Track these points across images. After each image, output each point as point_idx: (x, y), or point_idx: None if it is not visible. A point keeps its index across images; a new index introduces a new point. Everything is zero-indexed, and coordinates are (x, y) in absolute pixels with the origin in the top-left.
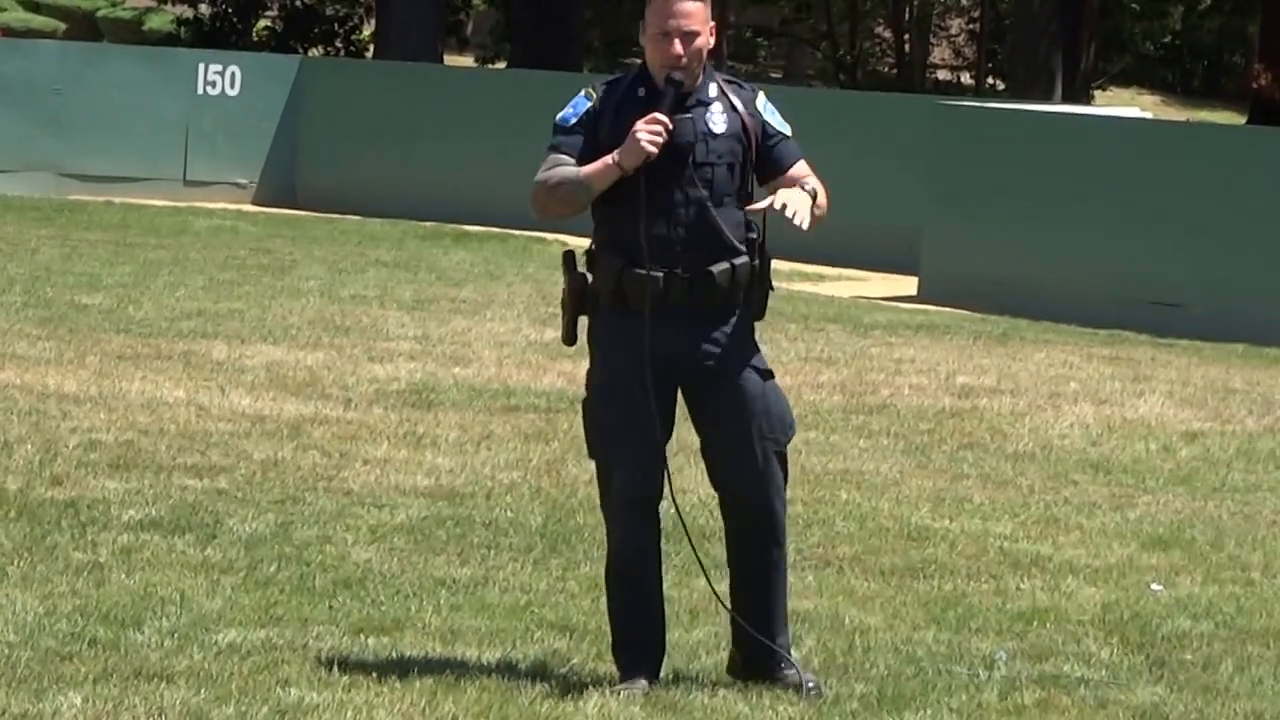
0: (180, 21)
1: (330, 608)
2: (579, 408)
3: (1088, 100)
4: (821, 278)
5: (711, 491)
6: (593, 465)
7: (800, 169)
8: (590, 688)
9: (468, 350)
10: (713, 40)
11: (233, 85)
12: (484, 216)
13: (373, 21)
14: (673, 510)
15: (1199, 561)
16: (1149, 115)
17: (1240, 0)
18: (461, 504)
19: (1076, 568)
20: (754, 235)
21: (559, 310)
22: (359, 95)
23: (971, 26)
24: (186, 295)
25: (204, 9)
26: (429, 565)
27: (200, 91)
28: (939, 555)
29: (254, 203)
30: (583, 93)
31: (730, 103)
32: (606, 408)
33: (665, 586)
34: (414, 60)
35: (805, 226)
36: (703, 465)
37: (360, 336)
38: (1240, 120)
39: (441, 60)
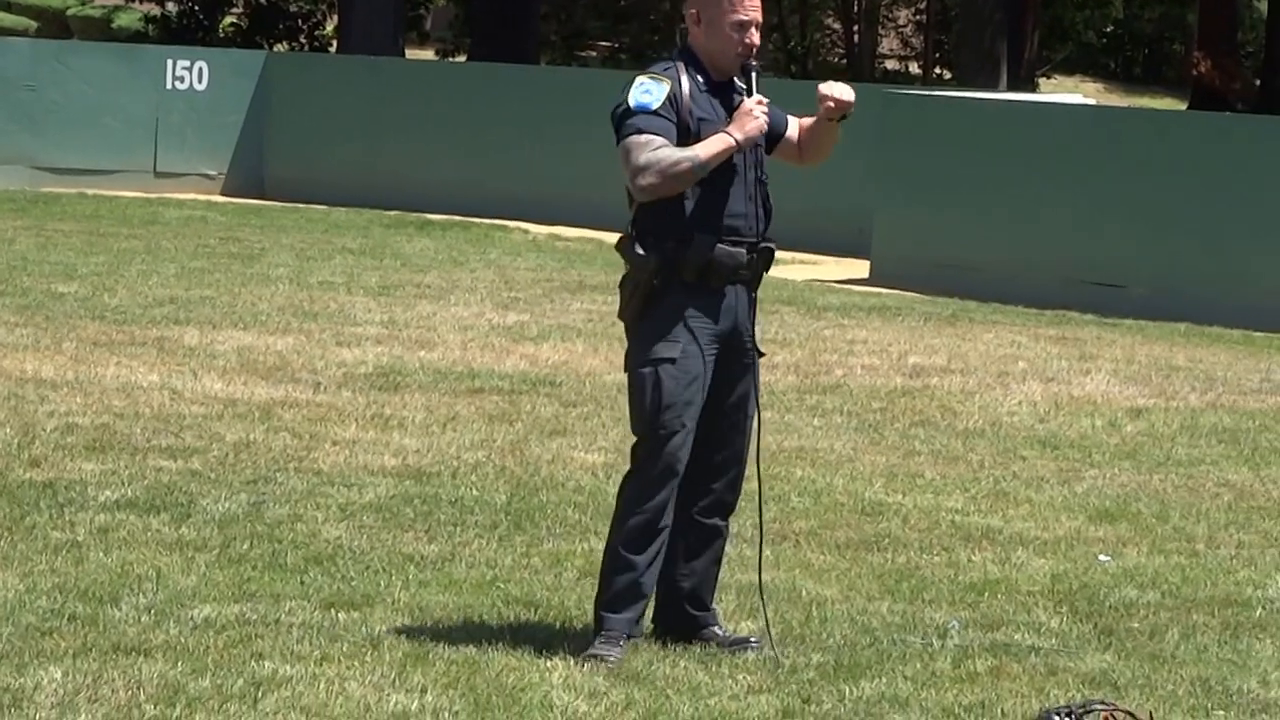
0: (148, 19)
1: (302, 583)
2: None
3: (1032, 88)
4: (776, 261)
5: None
6: (555, 445)
7: (795, 124)
8: (555, 659)
9: (433, 334)
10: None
11: (200, 80)
12: (447, 205)
13: (335, 17)
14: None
15: (1145, 533)
16: (1092, 102)
17: None
18: (428, 483)
19: (1026, 540)
20: None
21: (618, 292)
22: (323, 89)
23: (919, 18)
24: (159, 283)
25: (171, 7)
26: (397, 542)
27: (169, 86)
28: (892, 529)
29: (223, 193)
30: (649, 79)
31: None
32: (682, 381)
33: None
34: (376, 54)
35: (849, 97)
36: None
37: (328, 322)
38: (1181, 107)
39: (403, 54)
